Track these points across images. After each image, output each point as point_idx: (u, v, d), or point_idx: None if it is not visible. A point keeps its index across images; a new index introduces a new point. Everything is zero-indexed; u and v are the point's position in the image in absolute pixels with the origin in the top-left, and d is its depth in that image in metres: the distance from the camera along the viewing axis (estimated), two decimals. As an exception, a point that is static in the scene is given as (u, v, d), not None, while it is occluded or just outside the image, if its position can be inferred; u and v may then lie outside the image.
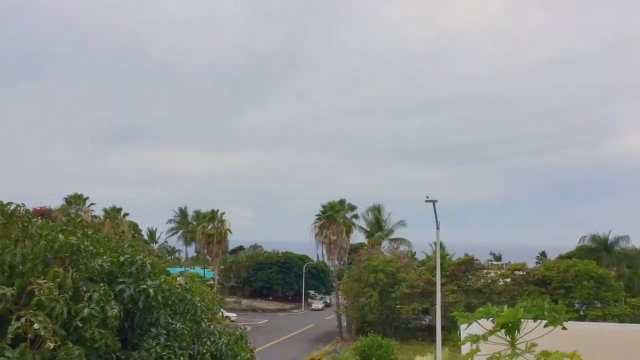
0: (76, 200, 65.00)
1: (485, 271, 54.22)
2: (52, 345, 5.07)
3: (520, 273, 50.44)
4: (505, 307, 3.65)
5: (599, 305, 45.80)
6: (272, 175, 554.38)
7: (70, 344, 5.32)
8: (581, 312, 44.74)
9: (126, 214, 69.40)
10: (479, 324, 3.84)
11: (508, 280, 50.21)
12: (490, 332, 3.55)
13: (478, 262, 54.71)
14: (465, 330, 4.05)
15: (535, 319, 3.50)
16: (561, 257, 58.19)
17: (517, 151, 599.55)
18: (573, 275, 46.74)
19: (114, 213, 67.35)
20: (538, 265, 60.63)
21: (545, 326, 3.52)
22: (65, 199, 64.89)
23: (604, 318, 42.16)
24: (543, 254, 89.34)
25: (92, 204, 67.01)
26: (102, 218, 65.87)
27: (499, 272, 54.13)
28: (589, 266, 47.15)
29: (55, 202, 64.91)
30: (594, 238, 57.45)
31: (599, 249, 56.58)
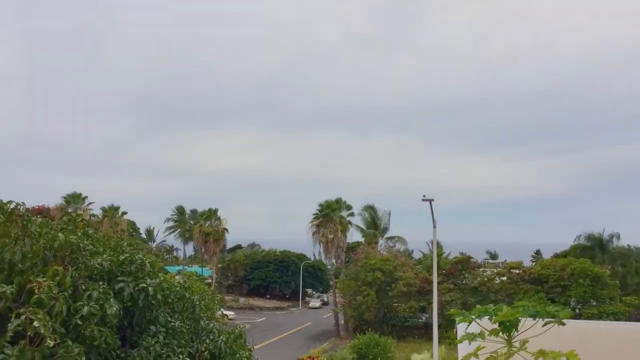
0: (75, 198, 65.05)
1: (481, 270, 54.37)
2: (51, 343, 5.09)
3: (517, 271, 50.58)
4: (505, 307, 3.68)
5: (594, 303, 46.00)
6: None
7: (70, 342, 5.34)
8: (577, 311, 44.90)
9: (124, 213, 69.52)
10: (476, 322, 3.88)
11: (504, 278, 50.34)
12: (492, 332, 3.59)
13: (474, 260, 54.84)
14: (466, 329, 4.08)
15: (534, 318, 3.53)
16: (556, 256, 58.40)
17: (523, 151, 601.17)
18: (569, 273, 46.91)
19: (112, 212, 67.39)
20: (534, 263, 60.83)
21: (543, 325, 3.55)
22: (64, 197, 64.99)
23: (599, 316, 42.35)
24: (538, 253, 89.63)
25: (90, 203, 67.22)
26: (100, 217, 65.93)
27: (495, 271, 54.27)
28: (585, 265, 47.34)
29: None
30: (588, 237, 57.67)
31: (594, 248, 56.83)
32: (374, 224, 62.69)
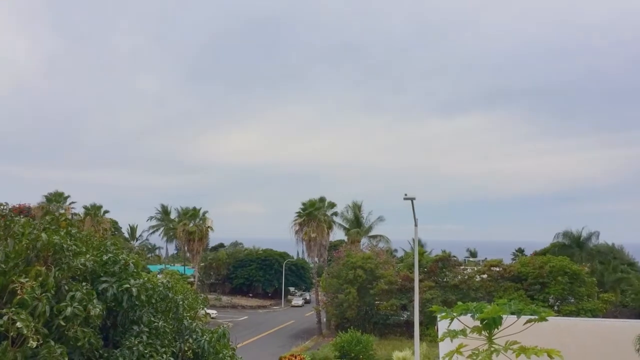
0: (56, 197, 64.22)
1: (462, 267, 54.88)
2: (34, 344, 5.07)
3: (497, 269, 51.13)
4: (486, 304, 3.76)
5: (572, 300, 46.74)
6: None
7: (52, 343, 5.32)
8: (555, 308, 45.59)
9: (106, 212, 68.81)
10: (458, 319, 3.97)
11: (484, 276, 50.88)
12: (474, 329, 3.68)
13: (455, 258, 55.32)
14: (448, 326, 4.17)
15: (517, 316, 3.62)
16: (536, 254, 59.11)
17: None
18: (548, 271, 47.60)
19: (94, 210, 66.62)
20: (514, 261, 61.54)
21: (525, 322, 3.64)
22: (45, 196, 64.10)
23: (577, 313, 43.08)
24: (520, 251, 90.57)
25: (72, 202, 66.54)
26: (82, 216, 65.13)
27: (475, 269, 54.82)
28: (563, 262, 48.07)
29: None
30: (566, 234, 58.32)
31: (572, 246, 57.54)
32: (358, 222, 62.88)
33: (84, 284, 6.15)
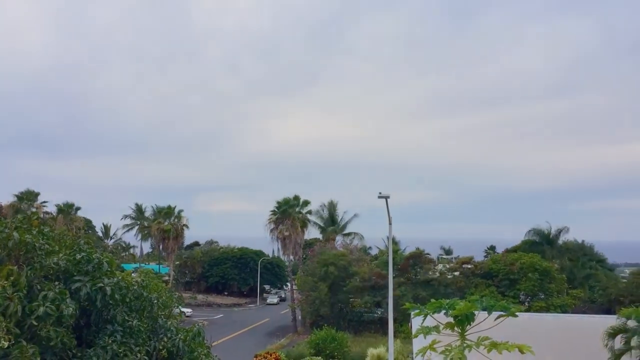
0: (28, 196, 63.03)
1: (433, 264, 55.47)
2: (5, 344, 5.02)
3: (468, 266, 51.88)
4: (459, 301, 3.85)
5: (542, 296, 47.74)
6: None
7: (24, 342, 5.27)
8: (526, 304, 46.50)
9: (78, 209, 67.73)
10: (431, 316, 4.06)
11: (457, 273, 51.57)
12: (447, 326, 3.77)
13: (428, 255, 55.86)
14: (421, 323, 4.26)
15: (488, 312, 3.72)
16: (507, 251, 60.13)
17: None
18: (518, 268, 48.53)
19: (66, 209, 65.51)
20: (486, 258, 62.49)
21: (496, 318, 3.73)
22: (17, 195, 62.85)
23: (547, 309, 44.01)
24: (492, 248, 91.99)
25: (44, 201, 65.42)
26: (54, 214, 64.12)
27: (447, 266, 55.45)
28: (534, 259, 49.07)
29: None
30: (536, 232, 59.44)
31: (542, 243, 58.73)
32: (333, 220, 63.11)
33: (56, 283, 6.09)
